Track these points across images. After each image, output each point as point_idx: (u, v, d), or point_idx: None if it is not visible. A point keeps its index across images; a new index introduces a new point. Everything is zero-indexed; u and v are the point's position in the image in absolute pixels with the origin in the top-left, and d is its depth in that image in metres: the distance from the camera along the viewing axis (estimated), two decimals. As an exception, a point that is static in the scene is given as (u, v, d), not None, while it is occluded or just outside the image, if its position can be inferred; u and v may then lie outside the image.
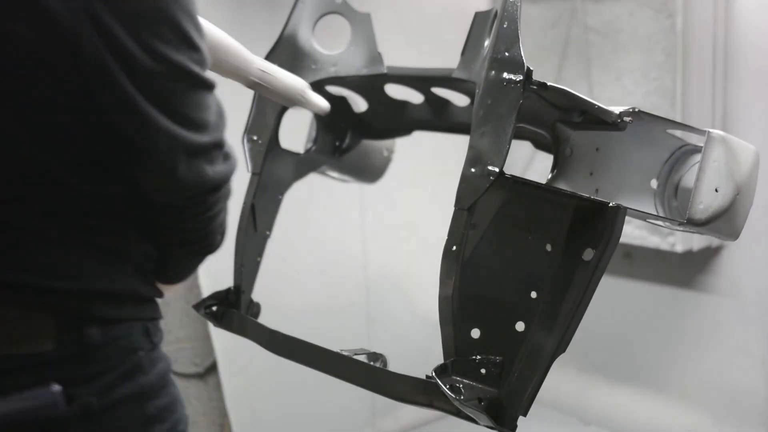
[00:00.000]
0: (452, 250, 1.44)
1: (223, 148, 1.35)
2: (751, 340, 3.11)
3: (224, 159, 1.37)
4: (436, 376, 1.42)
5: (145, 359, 1.41)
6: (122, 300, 1.39)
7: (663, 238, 3.14)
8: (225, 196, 1.41)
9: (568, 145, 1.69)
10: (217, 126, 1.34)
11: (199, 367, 3.35)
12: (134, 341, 1.40)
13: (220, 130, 1.34)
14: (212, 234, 1.44)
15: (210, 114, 1.31)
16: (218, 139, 1.33)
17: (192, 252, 1.49)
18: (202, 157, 1.31)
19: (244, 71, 1.66)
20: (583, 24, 3.29)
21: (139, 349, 1.41)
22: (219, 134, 1.34)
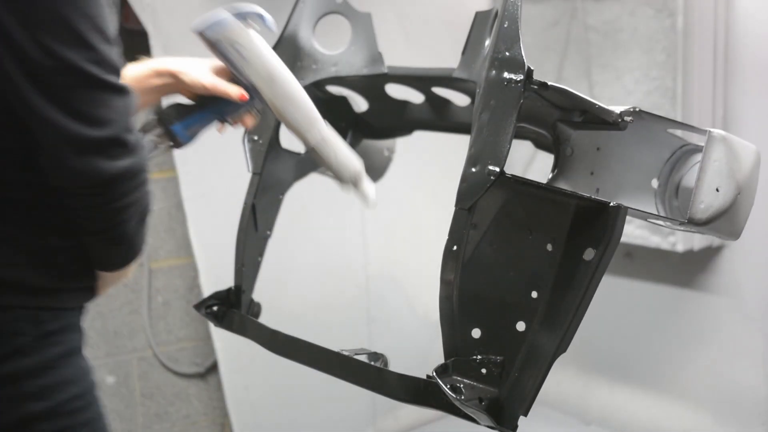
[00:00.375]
0: (453, 249, 1.44)
1: (125, 144, 1.39)
2: (752, 339, 3.10)
3: (128, 154, 1.39)
4: (436, 376, 1.42)
5: (28, 344, 1.46)
6: (6, 288, 1.45)
7: (664, 237, 3.14)
8: (133, 188, 1.43)
9: (569, 144, 1.68)
10: (118, 123, 1.37)
11: (200, 367, 3.35)
12: (17, 327, 1.46)
13: (121, 127, 1.37)
14: (124, 224, 1.47)
15: (109, 112, 1.36)
16: (117, 135, 1.37)
17: (109, 241, 1.52)
18: (97, 151, 1.36)
19: (304, 131, 1.68)
20: (584, 23, 3.28)
21: (21, 334, 1.46)
22: (118, 130, 1.37)
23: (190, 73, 1.67)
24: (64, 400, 1.51)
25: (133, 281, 3.20)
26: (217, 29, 1.60)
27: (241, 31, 1.61)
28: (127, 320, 3.21)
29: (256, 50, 1.62)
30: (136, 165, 1.41)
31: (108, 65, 1.35)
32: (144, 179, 1.45)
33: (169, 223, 3.23)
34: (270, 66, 1.64)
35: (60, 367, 1.51)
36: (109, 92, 1.36)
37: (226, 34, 1.61)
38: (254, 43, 1.62)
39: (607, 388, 3.57)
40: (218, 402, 3.38)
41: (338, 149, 1.70)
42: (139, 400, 3.27)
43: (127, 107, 1.39)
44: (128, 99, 1.40)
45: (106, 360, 3.19)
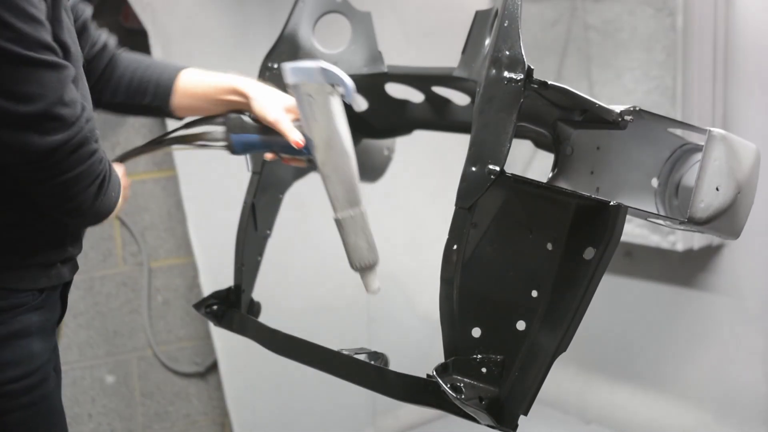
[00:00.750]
0: (453, 249, 1.44)
1: (58, 118, 1.40)
2: (751, 338, 3.10)
3: (64, 128, 1.40)
4: (436, 375, 1.42)
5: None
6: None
7: (664, 236, 3.14)
8: (77, 161, 1.44)
9: (569, 143, 1.68)
10: (47, 97, 1.38)
11: (199, 367, 3.35)
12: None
13: (52, 101, 1.39)
14: (77, 196, 1.47)
15: (38, 87, 1.38)
16: (47, 110, 1.38)
17: (67, 214, 1.53)
18: (28, 127, 1.38)
19: (337, 204, 1.71)
20: (584, 22, 3.28)
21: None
22: (48, 105, 1.38)
23: (261, 102, 1.74)
24: (1, 381, 1.52)
25: (132, 281, 3.20)
26: (300, 76, 1.63)
27: (320, 89, 1.63)
28: (126, 320, 3.21)
29: (327, 113, 1.64)
30: (75, 138, 1.42)
31: (32, 42, 1.37)
32: (90, 151, 1.45)
33: (169, 223, 3.23)
34: (332, 133, 1.65)
35: (2, 348, 1.52)
36: (36, 67, 1.37)
37: (307, 85, 1.63)
38: (327, 105, 1.64)
39: (607, 387, 3.57)
40: (218, 401, 3.38)
41: (360, 235, 1.70)
42: (139, 399, 3.27)
43: (60, 81, 1.40)
44: (61, 73, 1.41)
45: (106, 359, 3.19)
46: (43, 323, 1.60)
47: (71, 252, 1.65)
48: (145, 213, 3.19)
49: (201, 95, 1.83)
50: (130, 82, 1.84)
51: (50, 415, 1.61)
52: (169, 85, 1.83)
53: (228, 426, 3.35)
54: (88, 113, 1.46)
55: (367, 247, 1.70)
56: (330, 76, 1.62)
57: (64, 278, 1.64)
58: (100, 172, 1.48)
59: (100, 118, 3.06)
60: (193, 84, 1.83)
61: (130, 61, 1.85)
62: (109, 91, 1.85)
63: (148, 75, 1.84)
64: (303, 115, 1.67)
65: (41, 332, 1.59)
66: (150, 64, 1.86)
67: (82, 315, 3.12)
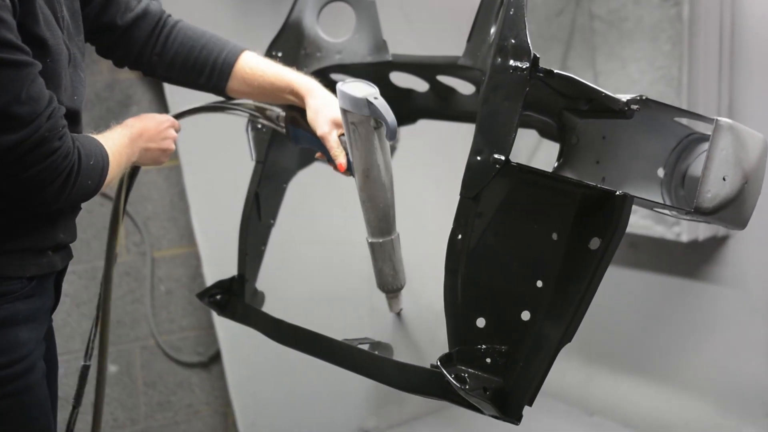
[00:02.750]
0: (458, 238, 1.44)
1: (14, 117, 1.39)
2: (756, 330, 3.10)
3: (21, 126, 1.39)
4: (441, 366, 1.42)
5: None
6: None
7: (668, 227, 3.13)
8: (40, 158, 1.43)
9: (575, 133, 1.68)
10: (1, 96, 1.37)
11: (202, 356, 3.35)
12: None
13: (6, 100, 1.37)
14: (43, 191, 1.46)
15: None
16: (1, 109, 1.37)
17: (37, 206, 1.53)
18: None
19: (370, 229, 1.77)
20: (589, 12, 3.27)
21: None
22: (2, 104, 1.37)
23: (314, 113, 1.77)
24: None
25: (135, 270, 3.20)
26: (348, 104, 1.63)
27: (365, 122, 1.64)
28: (129, 309, 3.21)
29: (368, 144, 1.66)
30: (33, 137, 1.41)
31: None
32: (51, 149, 1.44)
33: (172, 212, 3.23)
34: (370, 165, 1.67)
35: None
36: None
37: (353, 114, 1.64)
38: (369, 137, 1.65)
39: (611, 378, 3.56)
40: (221, 391, 3.38)
41: (387, 263, 1.78)
42: (141, 389, 3.27)
43: (20, 79, 1.39)
44: (21, 71, 1.39)
45: (109, 349, 3.19)
46: (32, 312, 1.59)
47: (63, 239, 1.63)
48: (148, 203, 3.19)
49: (258, 86, 1.83)
50: (185, 60, 1.82)
51: (34, 406, 1.60)
52: (227, 70, 1.83)
53: (231, 416, 3.35)
54: (53, 108, 1.45)
55: (392, 274, 1.80)
56: (375, 112, 1.61)
57: (55, 267, 1.64)
58: (63, 168, 1.47)
59: (103, 108, 3.07)
60: (252, 73, 1.83)
61: (186, 38, 1.83)
62: (164, 66, 1.84)
63: (205, 55, 1.83)
64: (347, 139, 1.69)
65: (29, 321, 1.58)
66: (207, 42, 1.84)
67: (85, 304, 3.12)
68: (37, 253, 1.58)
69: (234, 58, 1.82)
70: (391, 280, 1.80)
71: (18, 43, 1.39)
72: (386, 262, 1.77)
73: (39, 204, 1.51)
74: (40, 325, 1.62)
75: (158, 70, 1.84)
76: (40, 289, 1.60)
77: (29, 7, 1.44)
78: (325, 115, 1.76)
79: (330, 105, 1.77)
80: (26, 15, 1.43)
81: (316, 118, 1.76)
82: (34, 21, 1.45)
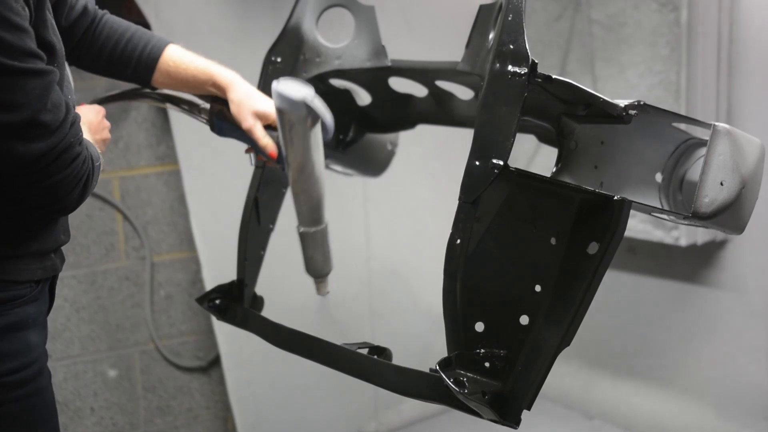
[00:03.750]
0: (457, 243, 1.44)
1: (42, 125, 1.40)
2: (754, 334, 3.10)
3: (48, 135, 1.41)
4: (440, 370, 1.42)
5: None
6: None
7: (667, 232, 3.13)
8: (63, 166, 1.45)
9: (573, 138, 1.68)
10: (31, 105, 1.39)
11: (202, 361, 3.35)
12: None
13: (36, 108, 1.39)
14: (64, 198, 1.49)
15: (21, 95, 1.38)
16: (31, 117, 1.39)
17: (56, 213, 1.58)
18: (12, 135, 1.39)
19: (302, 219, 1.83)
20: (587, 17, 3.28)
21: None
22: (32, 113, 1.39)
23: (237, 107, 1.81)
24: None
25: (135, 275, 3.20)
26: (286, 104, 1.67)
27: (302, 120, 1.68)
28: (129, 314, 3.21)
29: (304, 142, 1.71)
30: (60, 144, 1.42)
31: (17, 51, 1.37)
32: (75, 154, 1.46)
33: (172, 217, 3.23)
34: (306, 160, 1.73)
35: (0, 339, 1.52)
36: (20, 76, 1.38)
37: (291, 113, 1.68)
38: (306, 135, 1.70)
39: (610, 382, 3.57)
40: (220, 396, 3.38)
41: (318, 250, 1.84)
42: (141, 393, 3.27)
43: (45, 87, 1.41)
44: (45, 79, 1.41)
45: (109, 353, 3.19)
46: (38, 315, 1.60)
47: (63, 239, 1.65)
48: (148, 207, 3.19)
49: (182, 79, 1.86)
50: (111, 53, 1.84)
51: (43, 409, 1.61)
52: (152, 63, 1.85)
53: (230, 420, 3.35)
54: (73, 115, 1.47)
55: (322, 260, 1.85)
56: (312, 112, 1.67)
57: (57, 269, 1.65)
58: (84, 172, 1.49)
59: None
60: (176, 66, 1.85)
61: (112, 30, 1.85)
62: (90, 57, 1.85)
63: (130, 49, 1.85)
64: (282, 137, 1.73)
65: (36, 324, 1.59)
66: (132, 35, 1.86)
67: (85, 309, 3.12)
68: (43, 256, 1.60)
69: (159, 51, 1.85)
70: (321, 266, 1.86)
71: (39, 52, 1.41)
72: (317, 249, 1.84)
73: (60, 209, 1.53)
74: (44, 329, 1.63)
75: (84, 62, 1.87)
76: (42, 292, 1.62)
77: (41, 14, 1.46)
78: (249, 108, 1.80)
79: (252, 97, 1.81)
80: (38, 22, 1.45)
81: (239, 111, 1.80)
82: (44, 27, 1.47)
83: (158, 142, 3.16)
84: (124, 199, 3.15)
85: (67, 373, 3.10)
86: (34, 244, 1.57)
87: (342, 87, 2.18)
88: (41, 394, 1.60)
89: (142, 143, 3.15)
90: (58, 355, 3.07)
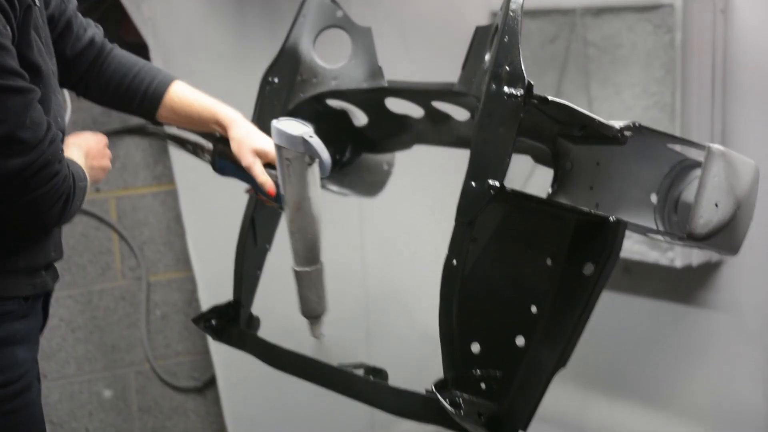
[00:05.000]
0: (453, 264, 1.44)
1: (20, 141, 1.41)
2: (750, 355, 3.10)
3: (26, 151, 1.42)
4: (435, 391, 1.42)
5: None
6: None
7: (662, 253, 3.13)
8: (42, 182, 1.45)
9: (569, 159, 1.69)
10: (8, 122, 1.40)
11: (197, 381, 3.34)
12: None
13: (13, 125, 1.40)
14: (43, 214, 1.50)
15: (2, 112, 1.39)
16: (8, 133, 1.40)
17: (34, 230, 1.58)
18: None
19: (298, 258, 1.84)
20: (583, 38, 3.29)
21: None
22: (9, 129, 1.40)
23: (238, 145, 1.82)
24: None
25: (131, 295, 3.20)
26: (284, 141, 1.68)
27: (299, 157, 1.69)
28: (125, 334, 3.20)
29: (301, 179, 1.72)
30: (38, 161, 1.43)
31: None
32: (54, 172, 1.47)
33: (168, 237, 3.23)
34: (303, 198, 1.74)
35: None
36: (0, 93, 1.39)
37: (288, 150, 1.69)
38: (303, 173, 1.71)
39: (606, 403, 3.56)
40: (216, 416, 3.37)
41: (312, 290, 1.84)
42: (136, 414, 3.25)
43: (24, 105, 1.42)
44: (25, 97, 1.42)
45: (104, 374, 3.18)
46: (27, 332, 1.61)
47: (54, 257, 1.66)
48: (144, 227, 3.19)
49: (186, 116, 1.88)
50: (118, 86, 1.86)
51: (31, 424, 1.62)
52: (157, 99, 1.87)
53: (226, 441, 3.34)
54: (53, 133, 1.48)
55: (317, 301, 1.85)
56: (310, 149, 1.68)
57: (47, 287, 1.66)
58: (63, 191, 1.50)
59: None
60: (181, 102, 1.87)
61: (120, 64, 1.87)
62: (97, 89, 1.87)
63: (137, 83, 1.86)
64: (280, 173, 1.74)
65: (25, 341, 1.60)
66: (140, 71, 1.88)
67: (80, 329, 3.11)
68: (32, 273, 1.61)
69: (165, 87, 1.87)
70: (315, 306, 1.85)
71: (20, 70, 1.42)
72: (311, 289, 1.83)
73: (39, 226, 1.55)
74: (34, 345, 1.64)
75: (92, 93, 1.89)
76: (33, 309, 1.63)
77: (25, 34, 1.47)
78: (248, 146, 1.82)
79: (252, 135, 1.83)
80: (23, 42, 1.46)
81: (239, 149, 1.82)
82: (29, 48, 1.48)
83: (155, 162, 3.16)
84: (121, 218, 3.15)
85: (62, 394, 3.09)
86: (22, 260, 1.58)
87: (338, 107, 2.19)
88: (28, 409, 1.61)
89: (139, 163, 3.15)
90: (53, 375, 3.06)
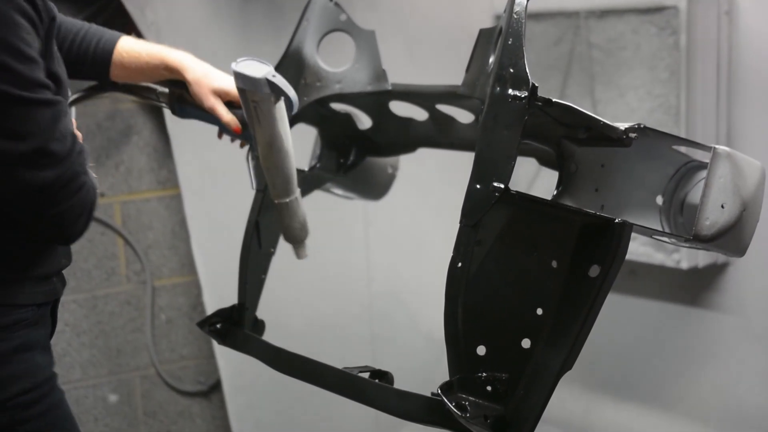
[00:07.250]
0: (458, 266, 1.44)
1: (51, 154, 1.43)
2: (756, 357, 3.09)
3: (56, 164, 1.44)
4: (441, 394, 1.42)
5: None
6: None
7: (668, 254, 3.13)
8: (69, 194, 1.47)
9: (573, 161, 1.68)
10: (40, 135, 1.41)
11: (203, 385, 3.34)
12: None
13: (45, 138, 1.42)
14: (70, 226, 1.51)
15: (31, 125, 1.40)
16: (40, 146, 1.41)
17: (60, 242, 1.60)
18: (21, 163, 1.41)
19: (276, 191, 1.85)
20: (587, 41, 3.29)
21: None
22: (41, 142, 1.41)
23: (196, 88, 1.83)
24: (13, 394, 1.54)
25: (136, 299, 3.20)
26: (248, 84, 1.69)
27: (266, 98, 1.71)
28: (130, 338, 3.21)
29: (270, 119, 1.74)
30: (66, 172, 1.45)
31: (28, 82, 1.40)
32: (81, 183, 1.48)
33: (173, 241, 3.23)
34: (274, 136, 1.77)
35: (8, 362, 1.54)
36: (31, 106, 1.40)
37: (253, 93, 1.70)
38: (271, 112, 1.73)
39: (612, 406, 3.55)
40: (222, 420, 3.37)
41: (294, 218, 1.88)
42: (141, 418, 3.25)
43: (54, 117, 1.43)
44: (54, 109, 1.43)
45: (109, 378, 3.19)
46: (41, 338, 1.62)
47: (64, 263, 1.67)
48: (149, 231, 3.19)
49: (136, 68, 1.88)
50: (67, 53, 1.84)
51: (63, 421, 1.65)
52: (107, 58, 1.87)
53: (231, 445, 3.34)
54: (79, 144, 1.50)
55: (299, 227, 1.90)
56: (275, 89, 1.70)
57: (57, 293, 1.67)
58: (89, 201, 1.51)
59: (104, 138, 3.08)
60: (129, 57, 1.87)
61: (67, 31, 1.86)
62: None
63: (84, 47, 1.86)
64: (247, 116, 1.76)
65: (40, 347, 1.61)
66: (86, 33, 1.87)
67: (86, 334, 3.12)
68: (44, 280, 1.61)
69: (112, 45, 1.87)
70: (299, 233, 1.91)
71: (48, 83, 1.44)
72: (293, 217, 1.88)
73: (65, 239, 1.56)
74: (49, 350, 1.66)
75: None
76: (43, 316, 1.64)
77: (49, 46, 1.49)
78: (208, 87, 1.83)
79: (209, 75, 1.84)
80: (47, 53, 1.48)
81: (199, 91, 1.83)
82: (52, 59, 1.50)
83: (159, 167, 3.16)
84: (126, 223, 3.15)
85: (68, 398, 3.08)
86: (37, 268, 1.59)
87: (343, 111, 2.19)
88: (58, 408, 1.65)
89: (144, 167, 3.15)
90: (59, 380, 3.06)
